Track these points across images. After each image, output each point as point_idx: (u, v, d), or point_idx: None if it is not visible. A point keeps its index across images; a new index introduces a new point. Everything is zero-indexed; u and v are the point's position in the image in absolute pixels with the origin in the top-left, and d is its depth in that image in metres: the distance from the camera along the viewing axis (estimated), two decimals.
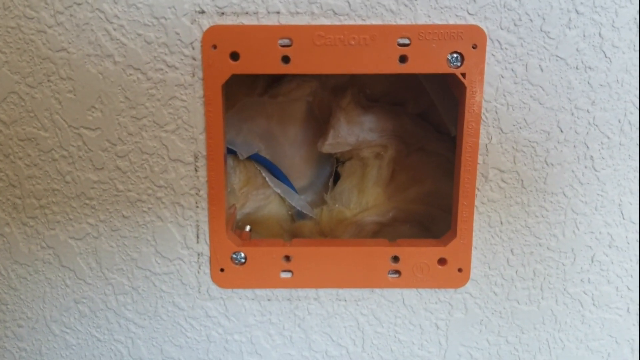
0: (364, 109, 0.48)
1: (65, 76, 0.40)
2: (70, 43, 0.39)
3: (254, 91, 0.49)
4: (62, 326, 0.46)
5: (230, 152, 0.48)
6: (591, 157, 0.41)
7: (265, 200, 0.51)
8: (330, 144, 0.48)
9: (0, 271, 0.45)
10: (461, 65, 0.38)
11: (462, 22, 0.38)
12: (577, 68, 0.39)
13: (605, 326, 0.46)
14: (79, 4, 0.38)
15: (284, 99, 0.49)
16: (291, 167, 0.52)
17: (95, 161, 0.41)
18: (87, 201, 0.42)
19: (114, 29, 0.38)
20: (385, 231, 0.49)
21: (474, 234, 0.42)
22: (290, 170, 0.52)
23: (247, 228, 0.48)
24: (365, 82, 0.49)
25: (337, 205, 0.51)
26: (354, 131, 0.48)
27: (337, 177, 0.53)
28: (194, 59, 0.39)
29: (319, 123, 0.50)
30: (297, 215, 0.52)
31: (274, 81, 0.49)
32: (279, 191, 0.51)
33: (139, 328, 0.46)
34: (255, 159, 0.50)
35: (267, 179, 0.51)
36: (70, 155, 0.41)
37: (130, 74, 0.39)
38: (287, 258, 0.43)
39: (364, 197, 0.50)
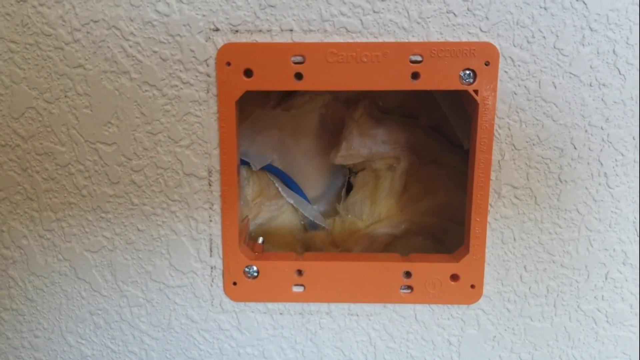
0: (377, 121, 0.48)
1: (82, 92, 0.40)
2: (87, 60, 0.39)
3: (267, 104, 0.49)
4: (78, 337, 0.47)
5: (244, 163, 0.48)
6: (605, 174, 0.41)
7: (278, 210, 0.51)
8: (343, 156, 0.48)
9: (17, 282, 0.45)
10: (474, 82, 0.38)
11: (475, 40, 0.38)
12: (590, 85, 0.39)
13: (619, 344, 0.45)
14: (96, 22, 0.39)
15: (296, 111, 0.49)
16: (304, 177, 0.52)
17: (111, 175, 0.42)
18: (103, 214, 0.43)
19: (130, 46, 0.39)
20: (397, 243, 0.49)
21: (486, 250, 0.42)
22: (303, 181, 0.52)
23: (260, 240, 0.48)
24: (378, 95, 0.49)
25: (349, 216, 0.51)
26: (367, 143, 0.48)
27: (349, 188, 0.53)
28: (208, 75, 0.39)
29: (332, 134, 0.51)
30: (310, 226, 0.52)
31: (287, 94, 0.50)
32: (291, 201, 0.51)
33: (153, 340, 0.46)
34: (269, 169, 0.50)
35: (280, 189, 0.51)
36: (87, 170, 0.42)
37: (146, 90, 0.40)
38: (300, 272, 0.43)
39: (377, 208, 0.50)
